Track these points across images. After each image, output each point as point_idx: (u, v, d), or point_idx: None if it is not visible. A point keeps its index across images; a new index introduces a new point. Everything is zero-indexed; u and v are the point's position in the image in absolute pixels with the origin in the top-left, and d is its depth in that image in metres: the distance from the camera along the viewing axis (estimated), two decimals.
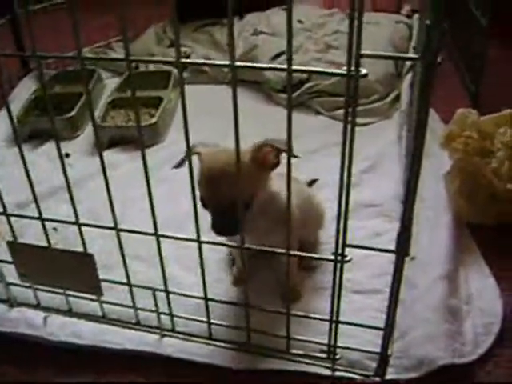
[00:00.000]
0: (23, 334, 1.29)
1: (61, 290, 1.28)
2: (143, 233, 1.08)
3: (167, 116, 2.16)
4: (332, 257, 1.00)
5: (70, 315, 1.33)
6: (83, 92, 2.22)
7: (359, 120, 2.09)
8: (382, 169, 1.83)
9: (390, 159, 1.86)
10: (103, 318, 1.30)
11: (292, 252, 1.02)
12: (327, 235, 1.52)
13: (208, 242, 1.06)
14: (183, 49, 2.50)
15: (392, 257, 1.42)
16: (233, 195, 0.99)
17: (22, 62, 2.59)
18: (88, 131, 2.17)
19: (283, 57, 2.32)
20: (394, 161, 1.85)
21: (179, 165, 1.13)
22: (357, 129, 2.00)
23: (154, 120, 2.02)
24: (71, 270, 1.18)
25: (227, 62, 0.82)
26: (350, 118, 0.86)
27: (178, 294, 1.22)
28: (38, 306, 1.35)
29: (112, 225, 1.10)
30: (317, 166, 1.84)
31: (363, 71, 0.79)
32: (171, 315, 1.24)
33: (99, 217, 1.63)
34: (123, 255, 1.15)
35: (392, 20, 2.64)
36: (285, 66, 0.81)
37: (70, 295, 1.29)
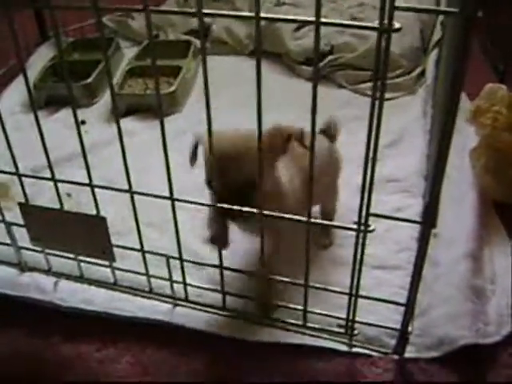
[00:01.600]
0: (34, 298, 1.27)
1: (72, 255, 1.25)
2: (158, 196, 1.05)
3: (186, 85, 2.11)
4: (355, 226, 0.96)
5: (82, 281, 1.30)
6: (101, 59, 2.19)
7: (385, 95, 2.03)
8: (405, 144, 1.77)
9: (414, 134, 1.80)
10: (115, 285, 1.27)
11: (313, 220, 0.97)
12: (348, 209, 1.47)
13: (223, 208, 1.02)
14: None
15: (414, 232, 1.40)
16: (242, 178, 0.99)
17: (39, 29, 2.55)
18: (105, 99, 2.13)
19: (306, 28, 2.26)
20: (418, 136, 1.79)
21: (193, 155, 1.12)
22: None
23: (172, 88, 1.97)
24: (83, 234, 1.15)
25: (252, 14, 0.77)
26: (379, 85, 0.79)
27: (192, 262, 1.18)
28: (49, 271, 1.32)
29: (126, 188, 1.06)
30: (339, 140, 1.79)
31: (397, 25, 0.73)
32: (184, 284, 1.20)
33: (113, 183, 1.58)
34: (137, 220, 1.11)
35: None
36: (313, 19, 0.75)
37: (81, 261, 1.26)
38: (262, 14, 0.77)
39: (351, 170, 1.68)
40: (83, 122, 1.95)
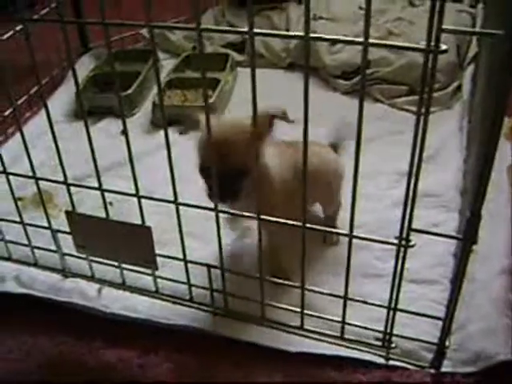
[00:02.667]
0: (77, 304, 1.31)
1: (116, 263, 1.28)
2: (202, 207, 1.08)
3: (224, 97, 2.15)
4: (396, 241, 0.97)
5: (124, 288, 1.34)
6: (141, 71, 2.24)
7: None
8: (442, 159, 1.78)
9: (451, 149, 1.81)
10: (156, 293, 1.31)
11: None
12: (386, 221, 1.49)
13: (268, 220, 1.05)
14: None
15: (450, 247, 1.41)
16: (237, 162, 1.08)
17: (81, 40, 2.61)
18: (145, 109, 2.18)
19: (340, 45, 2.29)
20: (455, 151, 1.80)
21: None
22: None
23: (211, 101, 2.01)
24: (128, 243, 1.18)
25: (301, 34, 0.80)
26: (424, 98, 0.81)
27: (233, 272, 1.21)
28: (92, 278, 1.36)
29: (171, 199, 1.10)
30: (374, 155, 1.80)
31: (443, 47, 0.75)
32: (224, 293, 1.23)
33: (153, 194, 1.63)
34: (181, 230, 1.14)
35: (454, 9, 2.56)
36: (361, 40, 0.78)
37: (124, 268, 1.30)
38: (312, 35, 0.80)
39: (387, 183, 1.70)
40: (124, 132, 2.00)
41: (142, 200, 1.13)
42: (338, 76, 2.22)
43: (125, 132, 1.10)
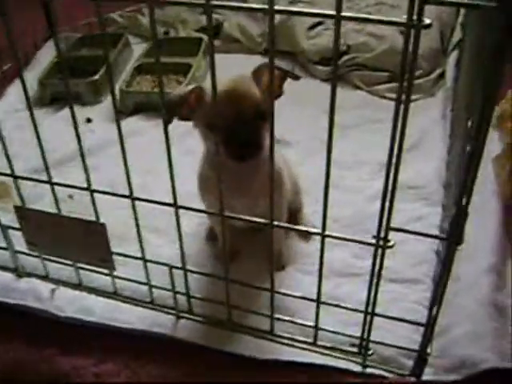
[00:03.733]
0: (30, 307, 1.20)
1: (70, 262, 1.18)
2: (160, 202, 0.97)
3: (196, 83, 2.02)
4: (373, 241, 0.88)
5: (80, 289, 1.23)
6: (110, 55, 2.12)
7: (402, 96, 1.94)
8: (424, 149, 1.68)
9: (433, 139, 1.72)
10: (115, 294, 1.20)
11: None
12: (364, 216, 1.41)
13: (231, 217, 0.95)
14: (215, 15, 2.37)
15: (432, 244, 1.32)
16: (254, 103, 1.02)
17: (48, 24, 2.48)
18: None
19: (321, 27, 2.18)
20: (438, 141, 1.71)
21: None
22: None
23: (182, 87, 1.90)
24: (82, 240, 1.08)
25: (265, 6, 0.69)
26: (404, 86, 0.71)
27: (197, 272, 1.11)
28: (46, 278, 1.25)
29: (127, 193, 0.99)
30: (354, 143, 1.71)
31: (427, 21, 0.65)
32: (188, 296, 1.13)
33: (117, 186, 1.53)
34: (138, 226, 1.04)
35: None
36: (333, 12, 0.68)
37: (80, 268, 1.20)
38: (276, 7, 0.69)
39: (368, 174, 1.61)
40: (89, 120, 1.89)
41: (103, 194, 1.02)
42: (317, 62, 2.11)
43: (74, 119, 0.97)
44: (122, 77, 2.10)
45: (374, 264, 0.91)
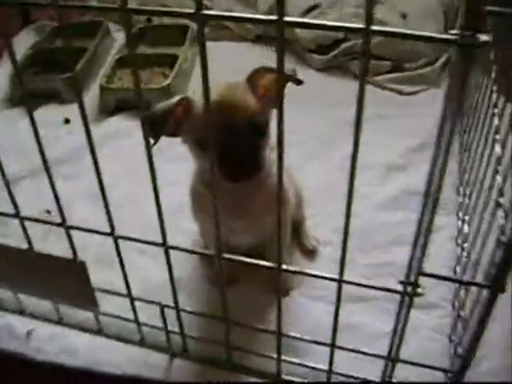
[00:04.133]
0: (2, 348, 1.06)
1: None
2: (147, 242, 0.83)
3: (183, 77, 1.87)
4: (400, 287, 0.75)
5: (61, 325, 1.09)
6: (88, 47, 1.95)
7: (406, 88, 1.81)
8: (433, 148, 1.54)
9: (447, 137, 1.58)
10: (99, 333, 1.06)
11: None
12: (371, 227, 1.29)
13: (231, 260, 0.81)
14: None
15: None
16: (250, 113, 0.90)
17: (22, 12, 2.30)
18: (93, 92, 1.88)
19: (317, 10, 2.02)
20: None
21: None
22: (403, 98, 1.71)
23: (167, 82, 1.74)
24: (59, 279, 0.94)
25: (274, 17, 0.55)
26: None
27: (192, 312, 0.97)
28: (22, 313, 1.11)
29: (108, 229, 0.85)
30: (349, 144, 1.57)
31: (483, 38, 0.51)
32: (183, 335, 1.00)
33: (100, 197, 1.39)
34: (122, 264, 0.90)
35: None
36: (362, 26, 0.53)
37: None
38: (287, 19, 0.55)
39: (374, 179, 1.47)
40: (67, 121, 1.73)
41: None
42: (313, 50, 1.96)
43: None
44: (102, 71, 1.93)
45: (399, 313, 0.77)
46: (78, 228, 0.86)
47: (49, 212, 1.37)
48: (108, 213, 0.82)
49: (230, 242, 1.06)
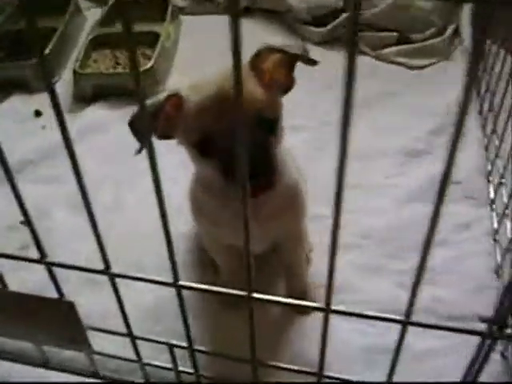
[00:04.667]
0: None
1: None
2: (155, 281, 0.66)
3: (166, 57, 1.67)
4: (482, 326, 0.59)
5: (46, 368, 0.91)
6: (57, 26, 1.74)
7: (414, 62, 1.64)
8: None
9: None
10: (94, 376, 0.89)
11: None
12: (398, 226, 1.14)
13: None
14: None
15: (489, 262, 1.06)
16: (255, 107, 0.72)
17: None
18: (65, 78, 1.67)
19: None
20: (471, 118, 1.41)
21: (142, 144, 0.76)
22: (414, 73, 1.53)
23: (150, 64, 1.54)
24: (43, 320, 0.76)
25: None
26: None
27: (206, 353, 0.80)
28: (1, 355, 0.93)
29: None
30: (369, 126, 1.40)
31: None
32: (197, 375, 0.83)
33: (82, 203, 1.21)
34: (121, 303, 0.72)
35: None
36: None
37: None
38: None
39: (392, 167, 1.30)
40: (38, 114, 1.52)
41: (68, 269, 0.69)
42: (308, 22, 1.77)
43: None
44: (75, 53, 1.72)
45: (475, 358, 0.61)
46: (62, 265, 0.68)
47: (24, 223, 1.19)
48: (101, 248, 0.63)
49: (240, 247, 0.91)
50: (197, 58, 1.63)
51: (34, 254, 1.14)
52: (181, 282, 0.63)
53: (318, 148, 1.34)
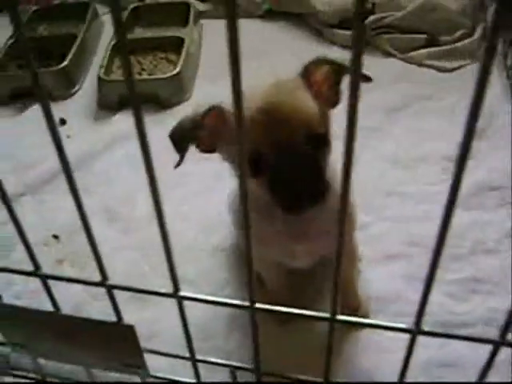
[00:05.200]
0: None
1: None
2: (235, 305, 0.61)
3: (192, 62, 1.63)
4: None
5: None
6: (76, 33, 1.70)
7: (444, 64, 1.60)
8: (492, 135, 1.34)
9: (500, 120, 1.37)
10: None
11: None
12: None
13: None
14: None
15: None
16: (306, 122, 0.68)
17: None
18: (88, 85, 1.63)
19: None
20: (507, 123, 1.37)
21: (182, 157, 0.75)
22: (444, 76, 1.49)
23: (177, 70, 1.50)
24: (98, 343, 0.72)
25: None
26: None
27: (272, 374, 0.76)
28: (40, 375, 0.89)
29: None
30: (406, 131, 1.36)
31: None
32: None
33: (116, 214, 1.18)
34: (186, 325, 0.68)
35: None
36: None
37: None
38: None
39: (434, 174, 1.26)
40: (63, 122, 1.48)
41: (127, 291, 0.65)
42: (336, 25, 1.73)
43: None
44: (96, 60, 1.69)
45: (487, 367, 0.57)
46: (125, 288, 0.63)
47: (56, 237, 1.15)
48: (171, 269, 0.59)
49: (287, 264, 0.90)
50: (221, 64, 1.59)
51: (68, 268, 1.11)
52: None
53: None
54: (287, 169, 0.69)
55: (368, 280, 1.03)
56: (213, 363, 0.75)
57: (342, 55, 1.70)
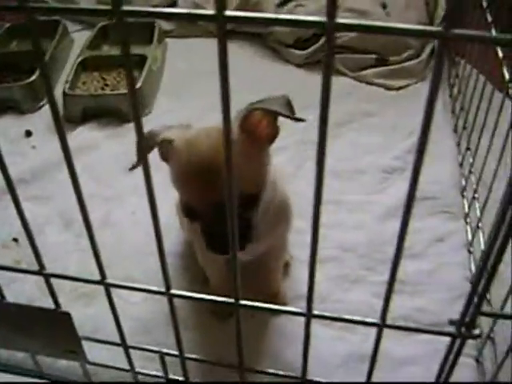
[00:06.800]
0: None
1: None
2: (148, 291, 0.70)
3: (153, 79, 1.72)
4: (451, 328, 0.64)
5: (41, 378, 0.95)
6: (47, 49, 1.78)
7: (391, 83, 1.71)
8: (431, 148, 1.43)
9: (439, 134, 1.47)
10: None
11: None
12: (379, 241, 1.18)
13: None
14: None
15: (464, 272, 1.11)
16: (238, 184, 0.63)
17: None
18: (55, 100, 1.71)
19: (293, 3, 1.88)
20: (445, 136, 1.48)
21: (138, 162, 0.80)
22: (391, 94, 1.60)
23: (138, 85, 1.59)
24: (40, 330, 0.80)
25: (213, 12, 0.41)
26: None
27: (198, 360, 0.84)
28: None
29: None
30: (349, 145, 1.46)
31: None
32: (187, 382, 0.87)
33: (73, 220, 1.25)
34: (115, 313, 0.76)
35: None
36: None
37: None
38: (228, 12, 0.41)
39: (371, 185, 1.35)
40: (29, 134, 1.56)
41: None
42: (291, 45, 1.83)
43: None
44: (63, 75, 1.77)
45: (447, 357, 0.66)
46: (60, 276, 0.71)
47: (16, 240, 1.23)
48: (97, 258, 0.67)
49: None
50: (183, 81, 1.68)
51: (24, 267, 1.18)
52: (172, 291, 0.67)
53: (297, 166, 1.39)
54: (215, 225, 0.75)
55: (300, 281, 1.12)
56: (144, 349, 0.83)
57: (298, 74, 1.79)
